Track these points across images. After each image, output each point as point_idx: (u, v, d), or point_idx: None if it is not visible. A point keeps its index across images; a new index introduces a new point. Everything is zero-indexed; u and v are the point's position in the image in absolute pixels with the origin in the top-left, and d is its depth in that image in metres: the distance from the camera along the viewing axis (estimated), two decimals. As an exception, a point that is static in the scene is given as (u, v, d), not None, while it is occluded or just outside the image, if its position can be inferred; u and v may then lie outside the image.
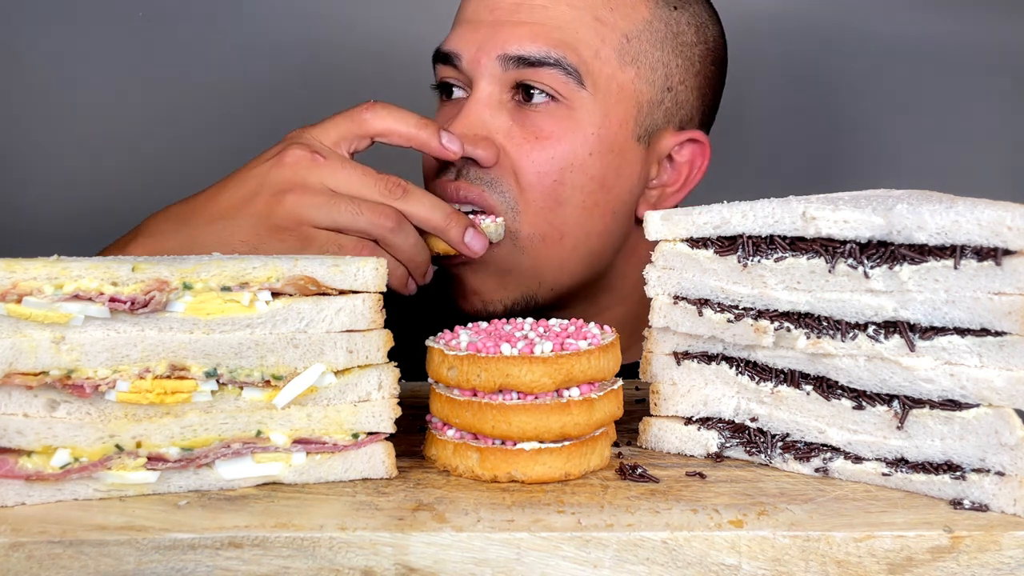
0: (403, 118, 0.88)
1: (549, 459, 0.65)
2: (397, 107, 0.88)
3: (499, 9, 0.98)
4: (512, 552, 0.56)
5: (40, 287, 0.58)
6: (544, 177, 0.97)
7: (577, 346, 0.65)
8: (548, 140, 0.97)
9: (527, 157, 0.97)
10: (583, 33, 0.97)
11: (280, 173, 0.84)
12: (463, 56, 0.98)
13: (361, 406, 0.65)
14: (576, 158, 0.97)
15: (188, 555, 0.55)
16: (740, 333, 0.67)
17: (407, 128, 0.88)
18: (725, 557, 0.56)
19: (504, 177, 0.97)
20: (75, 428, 0.60)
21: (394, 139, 0.88)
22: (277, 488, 0.64)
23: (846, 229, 0.62)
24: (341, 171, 0.84)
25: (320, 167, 0.84)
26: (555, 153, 0.97)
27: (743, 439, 0.69)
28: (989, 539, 0.57)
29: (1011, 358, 0.59)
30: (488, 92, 0.97)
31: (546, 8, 0.97)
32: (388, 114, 0.87)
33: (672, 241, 0.69)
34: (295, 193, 0.83)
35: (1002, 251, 0.58)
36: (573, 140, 0.97)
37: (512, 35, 0.96)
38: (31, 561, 0.55)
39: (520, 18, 0.97)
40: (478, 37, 0.97)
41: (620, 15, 0.99)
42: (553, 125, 0.97)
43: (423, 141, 0.88)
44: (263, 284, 0.62)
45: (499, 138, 0.97)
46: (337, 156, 0.86)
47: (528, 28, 0.96)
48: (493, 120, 0.97)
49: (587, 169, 0.98)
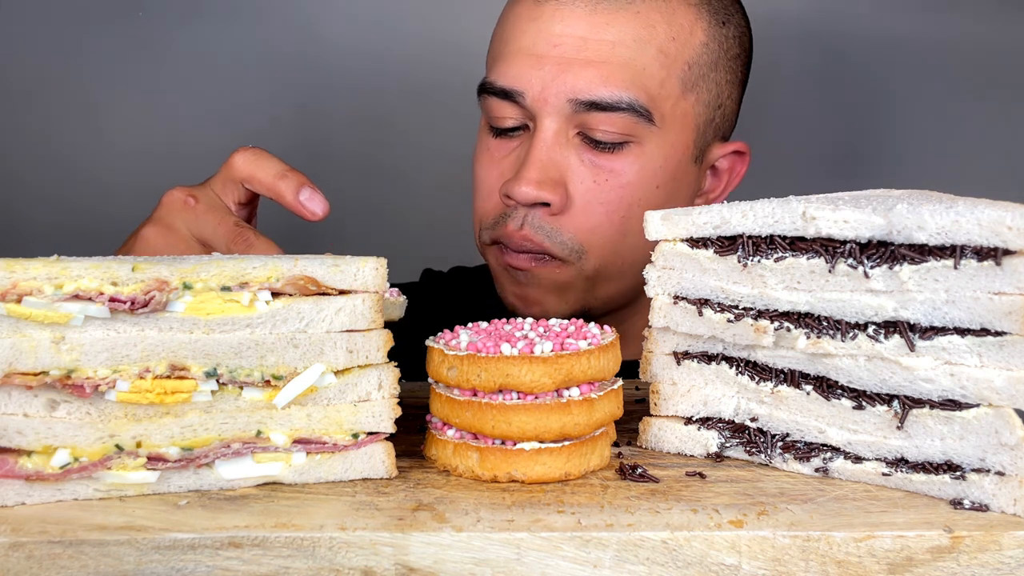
0: (266, 166, 0.83)
1: (549, 459, 0.64)
2: (266, 154, 0.85)
3: (563, 44, 0.95)
4: (512, 552, 0.56)
5: (40, 287, 0.58)
6: (612, 215, 0.97)
7: (577, 346, 0.65)
8: (618, 179, 0.96)
9: (597, 199, 0.96)
10: (649, 67, 0.95)
11: (155, 211, 0.84)
12: (527, 94, 0.96)
13: (361, 406, 0.65)
14: (644, 192, 0.97)
15: (188, 555, 0.55)
16: (740, 333, 0.67)
17: (266, 176, 0.83)
18: (725, 557, 0.56)
19: (569, 223, 0.97)
20: (75, 428, 0.60)
21: (256, 186, 0.84)
22: (277, 488, 0.64)
23: (846, 229, 0.62)
24: (203, 216, 0.82)
25: (187, 210, 0.83)
26: (624, 192, 0.96)
27: (743, 439, 0.69)
28: (989, 539, 0.57)
29: (1011, 358, 0.59)
30: (555, 131, 0.95)
31: (613, 45, 0.94)
32: (255, 159, 0.84)
33: (672, 241, 0.69)
34: (154, 227, 0.82)
35: (1002, 251, 0.58)
36: (642, 176, 0.97)
37: (581, 77, 0.93)
38: (31, 561, 0.55)
39: (588, 56, 0.94)
40: (542, 75, 0.95)
41: (681, 44, 0.97)
42: (623, 164, 0.96)
43: (279, 192, 0.83)
44: (263, 284, 0.62)
45: (568, 179, 0.96)
46: (207, 202, 0.83)
47: (597, 69, 0.93)
48: (563, 160, 0.96)
49: (652, 200, 0.98)
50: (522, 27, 0.98)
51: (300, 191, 0.82)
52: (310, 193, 0.82)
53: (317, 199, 0.82)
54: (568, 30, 0.95)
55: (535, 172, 0.95)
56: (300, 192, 0.82)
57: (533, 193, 0.94)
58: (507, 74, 0.97)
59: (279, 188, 0.82)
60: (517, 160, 0.98)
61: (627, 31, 0.95)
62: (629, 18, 0.95)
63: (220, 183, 0.85)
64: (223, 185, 0.85)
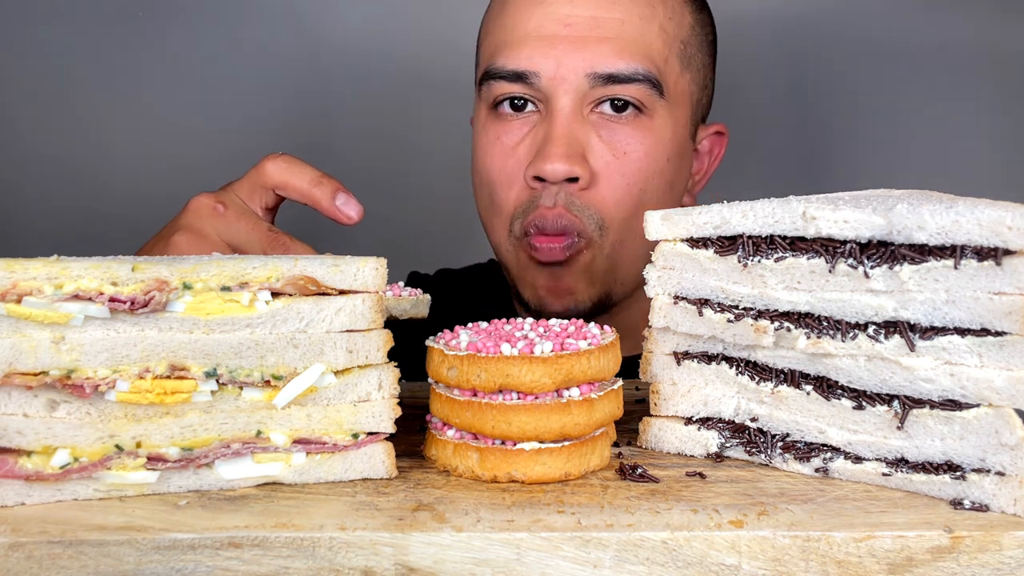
0: (300, 173, 0.85)
1: (549, 459, 0.64)
2: (299, 161, 0.86)
3: (575, 24, 0.97)
4: (512, 552, 0.56)
5: (40, 287, 0.58)
6: (631, 188, 0.99)
7: (577, 346, 0.65)
8: (635, 153, 0.99)
9: (618, 173, 0.98)
10: (655, 43, 0.99)
11: (182, 217, 0.84)
12: (542, 74, 0.98)
13: (361, 406, 0.65)
14: (657, 165, 1.00)
15: (188, 555, 0.55)
16: (740, 333, 0.67)
17: (301, 183, 0.85)
18: (725, 557, 0.56)
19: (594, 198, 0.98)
20: (75, 428, 0.60)
21: (291, 193, 0.86)
22: (277, 488, 0.64)
23: (846, 229, 0.62)
24: (234, 223, 0.83)
25: (217, 217, 0.83)
26: (641, 165, 0.99)
27: (743, 439, 0.69)
28: (989, 539, 0.57)
29: (1011, 358, 0.59)
30: (571, 108, 0.97)
31: (623, 22, 0.98)
32: (287, 167, 0.85)
33: (672, 241, 0.69)
34: (184, 234, 0.83)
35: (1002, 251, 0.58)
36: (655, 149, 1.00)
37: (599, 52, 0.96)
38: (31, 561, 0.55)
39: (602, 33, 0.97)
40: (556, 53, 0.97)
41: (676, 23, 1.01)
42: (638, 138, 0.99)
43: (316, 199, 0.85)
44: (263, 284, 0.62)
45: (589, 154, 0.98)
46: (236, 208, 0.84)
47: (612, 44, 0.97)
48: (583, 137, 0.98)
49: (664, 173, 1.01)
50: (527, 12, 1.00)
51: (336, 197, 0.84)
52: (345, 198, 0.84)
53: (352, 203, 0.85)
54: (577, 11, 0.98)
55: (562, 147, 0.96)
56: (336, 198, 0.84)
57: (565, 168, 0.96)
58: (519, 56, 0.99)
59: (315, 195, 0.84)
60: (534, 143, 1.00)
61: (632, 10, 0.99)
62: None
63: (247, 188, 0.86)
64: (251, 191, 0.86)
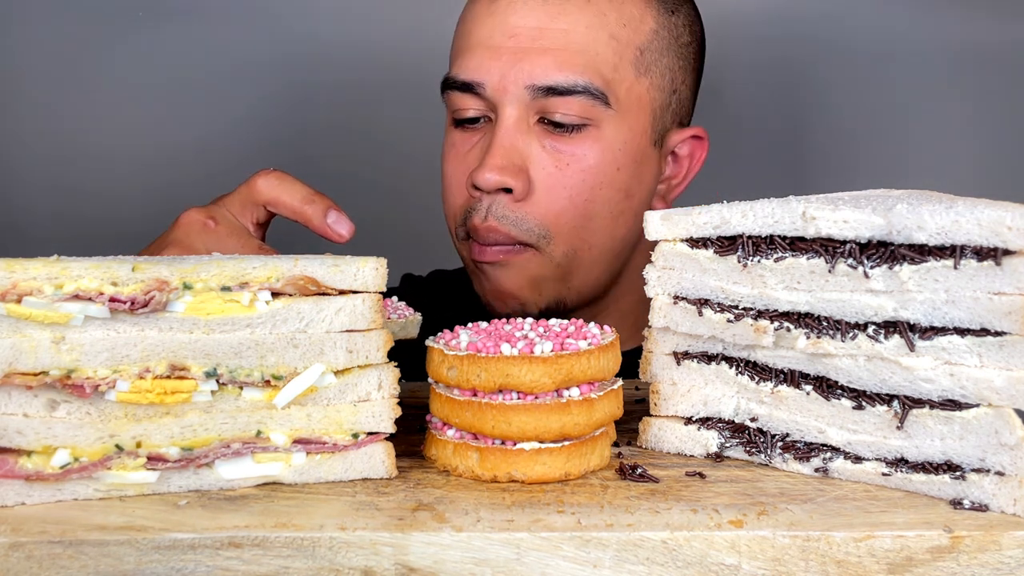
0: (291, 190, 0.85)
1: (549, 459, 0.64)
2: (291, 177, 0.86)
3: (519, 35, 0.97)
4: (512, 552, 0.56)
5: (40, 287, 0.58)
6: (576, 199, 0.98)
7: (577, 346, 0.65)
8: (579, 163, 0.98)
9: (560, 184, 0.98)
10: (602, 52, 0.98)
11: (172, 232, 0.84)
12: (487, 84, 0.98)
13: (361, 406, 0.65)
14: (605, 175, 0.99)
15: (188, 555, 0.55)
16: (740, 333, 0.67)
17: (292, 200, 0.84)
18: (725, 557, 0.56)
19: (533, 209, 0.98)
20: (75, 428, 0.60)
21: (282, 210, 0.85)
22: (277, 488, 0.64)
23: (846, 229, 0.62)
24: (225, 239, 0.83)
25: (207, 232, 0.83)
26: (586, 176, 0.98)
27: (743, 439, 0.69)
28: (989, 539, 0.57)
29: (1011, 358, 0.59)
30: (516, 118, 0.97)
31: (566, 32, 0.97)
32: (279, 183, 0.85)
33: (672, 241, 0.69)
34: (174, 249, 0.82)
35: (1002, 251, 0.58)
36: (602, 159, 0.99)
37: (538, 64, 0.96)
38: (31, 561, 0.55)
39: (543, 45, 0.97)
40: (500, 64, 0.97)
41: (632, 30, 1.00)
42: (584, 148, 0.98)
43: (307, 217, 0.84)
44: (263, 284, 0.62)
45: (530, 165, 0.97)
46: (227, 224, 0.84)
47: (552, 56, 0.96)
48: (525, 147, 0.98)
49: (615, 183, 1.00)
50: (479, 21, 1.01)
51: (327, 215, 0.84)
52: (336, 216, 0.84)
53: (344, 221, 0.84)
54: (523, 21, 0.98)
55: (498, 159, 0.96)
56: (327, 215, 0.84)
57: (496, 178, 0.96)
58: (467, 67, 0.99)
59: (306, 212, 0.84)
60: (481, 151, 1.00)
61: (579, 20, 0.98)
62: (580, 7, 0.98)
63: (238, 204, 0.86)
64: (242, 206, 0.86)
